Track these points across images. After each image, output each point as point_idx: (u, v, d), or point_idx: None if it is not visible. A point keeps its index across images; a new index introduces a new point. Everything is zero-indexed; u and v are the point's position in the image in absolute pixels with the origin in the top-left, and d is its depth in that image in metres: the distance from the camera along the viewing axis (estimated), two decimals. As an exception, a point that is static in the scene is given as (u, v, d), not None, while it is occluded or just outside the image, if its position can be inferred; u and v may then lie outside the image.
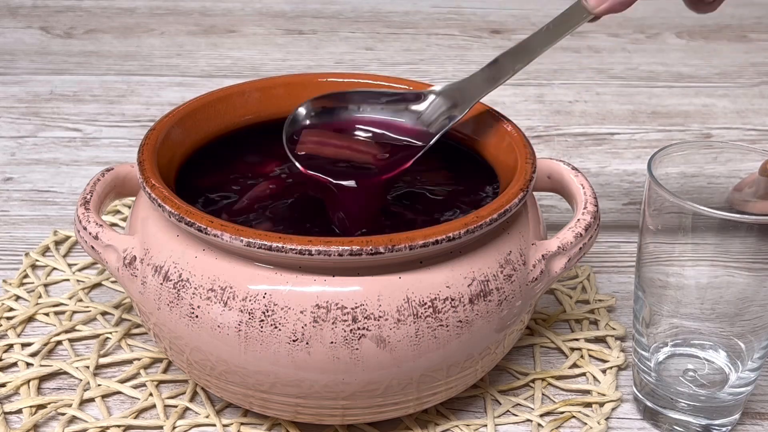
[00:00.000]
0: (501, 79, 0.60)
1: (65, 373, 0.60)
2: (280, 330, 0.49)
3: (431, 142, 0.59)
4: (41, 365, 0.60)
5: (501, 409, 0.58)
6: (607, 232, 0.75)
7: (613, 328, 0.64)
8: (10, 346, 0.62)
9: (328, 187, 0.56)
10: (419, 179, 0.62)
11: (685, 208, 0.51)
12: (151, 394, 0.58)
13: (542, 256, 0.55)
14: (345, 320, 0.49)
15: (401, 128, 0.61)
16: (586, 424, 0.57)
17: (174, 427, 0.56)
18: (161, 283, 0.52)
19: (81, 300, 0.66)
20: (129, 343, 0.63)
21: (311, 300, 0.49)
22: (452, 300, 0.50)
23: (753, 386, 0.56)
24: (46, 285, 0.68)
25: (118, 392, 0.59)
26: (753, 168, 0.58)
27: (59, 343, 0.62)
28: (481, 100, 0.62)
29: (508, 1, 1.23)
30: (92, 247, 0.56)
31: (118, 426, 0.56)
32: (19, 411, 0.57)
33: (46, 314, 0.65)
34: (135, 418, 0.57)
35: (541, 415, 0.58)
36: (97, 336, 0.63)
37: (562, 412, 0.58)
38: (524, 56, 0.60)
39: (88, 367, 0.60)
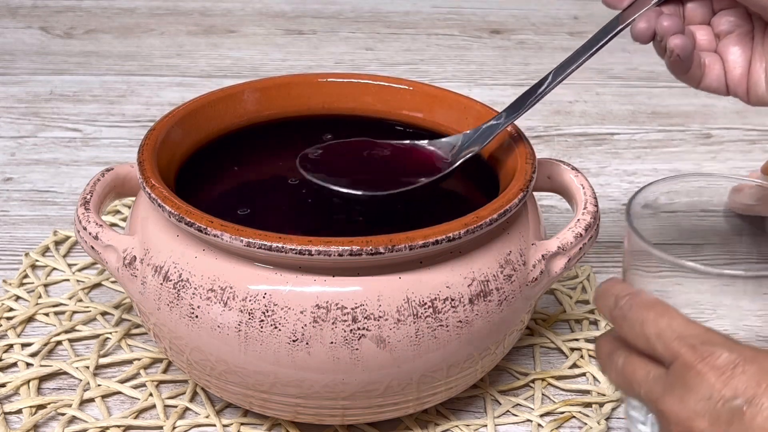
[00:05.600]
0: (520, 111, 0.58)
1: (65, 373, 0.60)
2: (280, 330, 0.49)
3: (448, 170, 0.58)
4: (41, 365, 0.60)
5: (501, 409, 0.58)
6: (607, 232, 0.75)
7: (613, 328, 0.64)
8: (10, 346, 0.62)
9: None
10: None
11: (676, 264, 0.47)
12: (151, 395, 0.58)
13: (542, 256, 0.55)
14: (345, 320, 0.49)
15: (419, 151, 0.60)
16: (586, 424, 0.57)
17: (174, 428, 0.56)
18: (161, 283, 0.52)
19: (81, 300, 0.66)
20: (129, 343, 0.63)
21: (311, 300, 0.49)
22: (452, 300, 0.50)
23: None
24: (45, 285, 0.68)
25: (118, 392, 0.59)
26: (754, 168, 0.58)
27: (59, 343, 0.62)
28: (480, 101, 0.62)
29: (508, 1, 1.23)
30: (92, 248, 0.56)
31: (118, 426, 0.56)
32: (19, 411, 0.57)
33: (46, 314, 0.65)
34: (135, 418, 0.57)
35: (541, 415, 0.58)
36: (97, 336, 0.63)
37: (562, 412, 0.58)
38: (560, 71, 0.59)
39: (88, 367, 0.60)
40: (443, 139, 0.60)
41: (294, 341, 0.49)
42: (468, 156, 0.58)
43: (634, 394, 0.45)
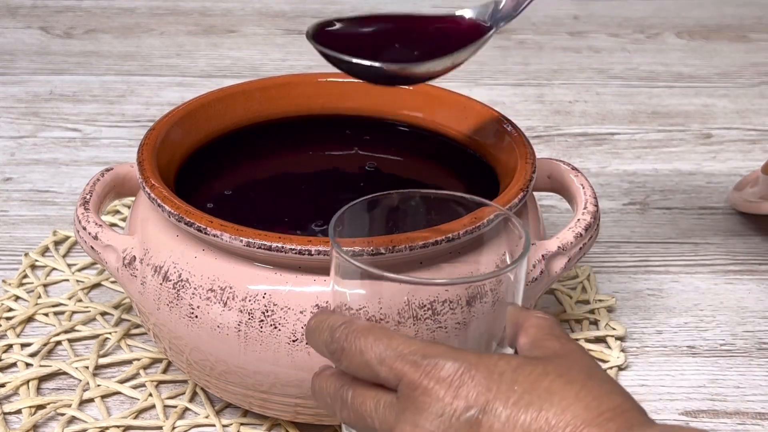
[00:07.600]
0: None
1: (65, 373, 0.60)
2: (279, 330, 0.49)
3: (487, 35, 0.55)
4: (41, 365, 0.60)
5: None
6: (607, 232, 0.75)
7: (613, 328, 0.64)
8: (10, 346, 0.62)
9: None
10: (419, 179, 0.62)
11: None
12: (150, 395, 0.58)
13: (542, 256, 0.55)
14: (345, 320, 0.49)
15: (452, 21, 0.56)
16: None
17: (174, 428, 0.56)
18: (161, 283, 0.52)
19: (80, 300, 0.66)
20: (128, 343, 0.62)
21: (311, 300, 0.49)
22: (450, 302, 0.50)
23: None
24: (45, 285, 0.68)
25: (118, 392, 0.59)
26: (754, 167, 0.57)
27: (59, 343, 0.62)
28: (481, 101, 0.62)
29: (508, 1, 1.23)
30: (92, 248, 0.56)
31: (118, 426, 0.56)
32: (19, 411, 0.57)
33: (46, 314, 0.65)
34: (135, 418, 0.57)
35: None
36: (96, 336, 0.63)
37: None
38: None
39: (87, 367, 0.60)
40: (474, 6, 0.56)
41: (294, 341, 0.49)
42: (511, 18, 0.54)
43: (368, 427, 0.41)
